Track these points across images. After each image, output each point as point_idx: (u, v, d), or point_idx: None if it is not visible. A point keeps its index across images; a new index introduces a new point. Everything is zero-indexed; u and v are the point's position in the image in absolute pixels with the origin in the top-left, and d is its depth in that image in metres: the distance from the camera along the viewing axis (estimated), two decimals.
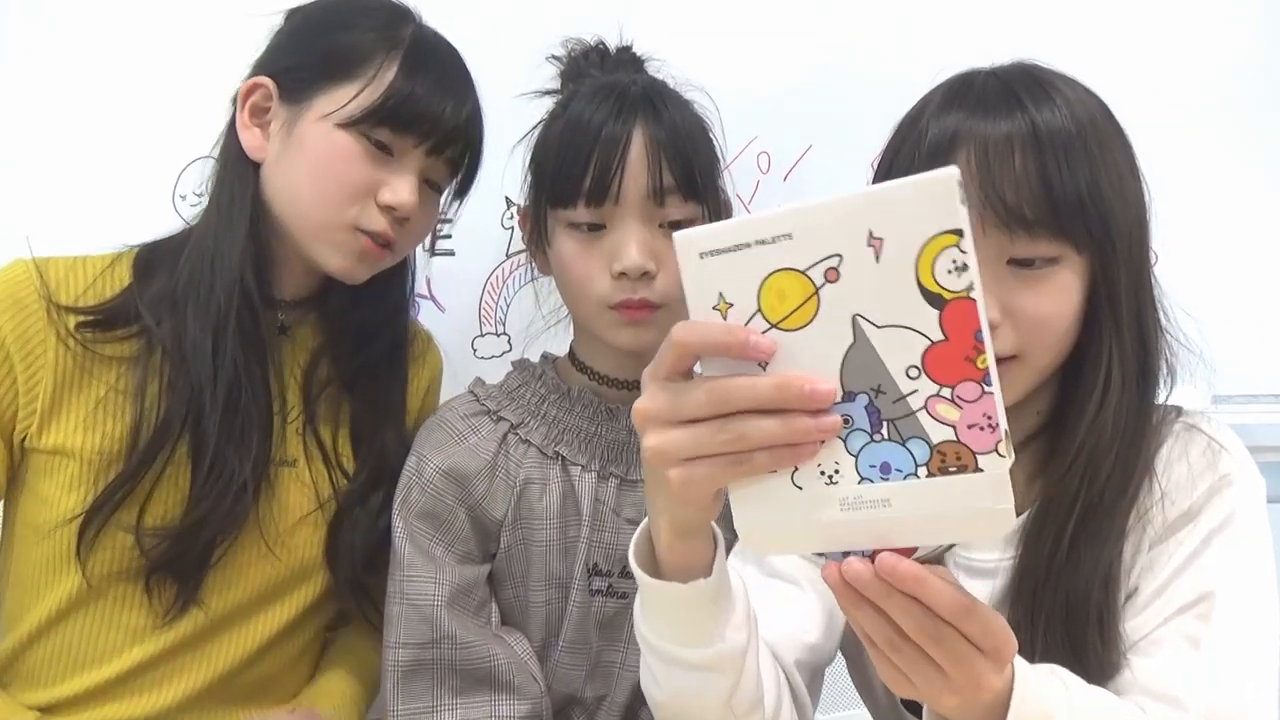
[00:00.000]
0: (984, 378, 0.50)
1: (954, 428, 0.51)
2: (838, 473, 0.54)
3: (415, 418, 1.06)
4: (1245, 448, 0.79)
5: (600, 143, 0.87)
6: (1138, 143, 0.78)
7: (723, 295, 0.54)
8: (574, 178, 0.88)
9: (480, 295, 1.27)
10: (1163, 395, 0.79)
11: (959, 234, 0.48)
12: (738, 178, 1.23)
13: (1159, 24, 1.29)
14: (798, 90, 1.26)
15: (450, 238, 1.25)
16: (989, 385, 0.50)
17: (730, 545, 0.76)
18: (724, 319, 0.54)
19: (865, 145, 0.95)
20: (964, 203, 0.48)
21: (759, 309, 0.53)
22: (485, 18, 1.22)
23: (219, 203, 0.92)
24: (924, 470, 0.52)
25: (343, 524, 0.97)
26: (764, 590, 0.83)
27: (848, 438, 0.53)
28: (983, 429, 0.50)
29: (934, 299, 0.49)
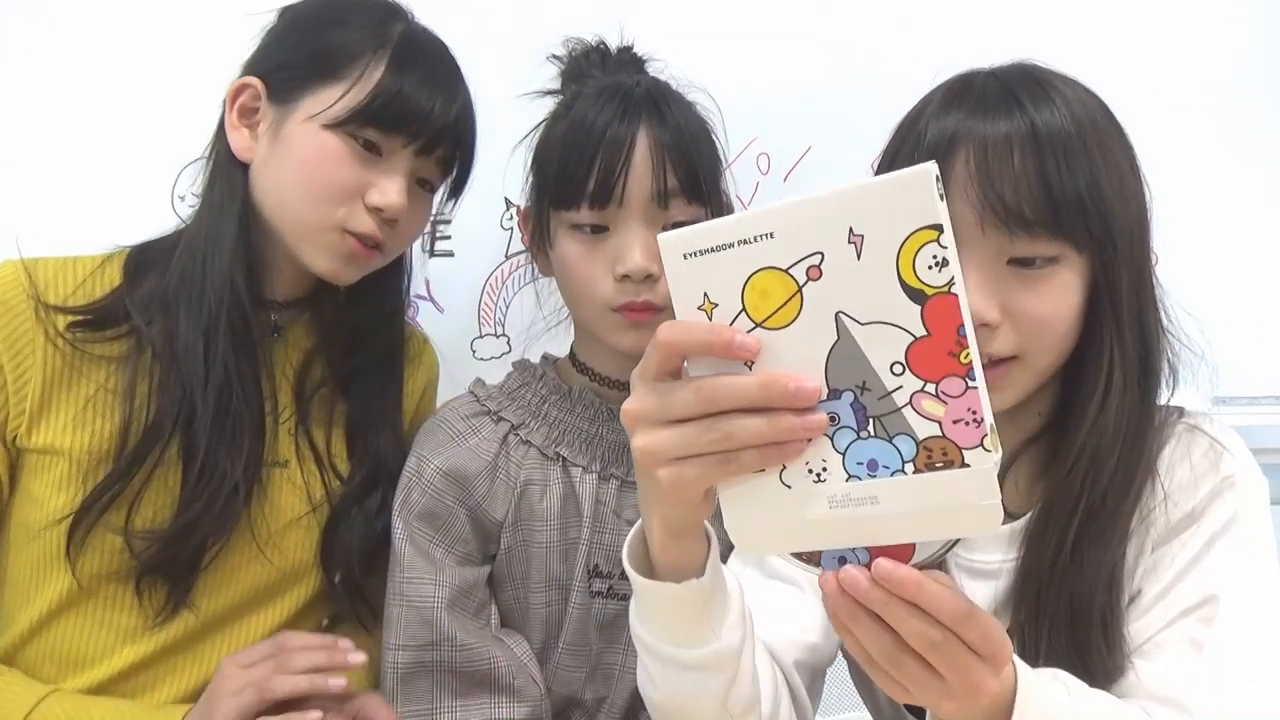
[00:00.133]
0: (968, 372, 0.50)
1: (939, 423, 0.51)
2: (825, 471, 0.54)
3: (412, 419, 1.06)
4: (1248, 449, 0.79)
5: (605, 144, 0.87)
6: (1138, 142, 0.78)
7: (707, 295, 0.54)
8: (578, 179, 0.88)
9: (480, 296, 1.27)
10: (1164, 396, 0.79)
11: (939, 229, 0.48)
12: (737, 179, 1.23)
13: (1159, 24, 1.29)
14: (797, 91, 1.26)
15: (450, 239, 1.25)
16: (973, 380, 0.50)
17: (727, 548, 0.76)
18: (709, 319, 0.54)
19: (865, 146, 0.95)
20: (942, 198, 0.48)
21: (743, 308, 0.53)
22: (485, 18, 1.22)
23: (209, 203, 0.92)
24: (911, 466, 0.52)
25: (338, 525, 0.96)
26: (764, 592, 0.83)
27: (834, 435, 0.53)
28: (968, 424, 0.50)
29: (916, 294, 0.49)
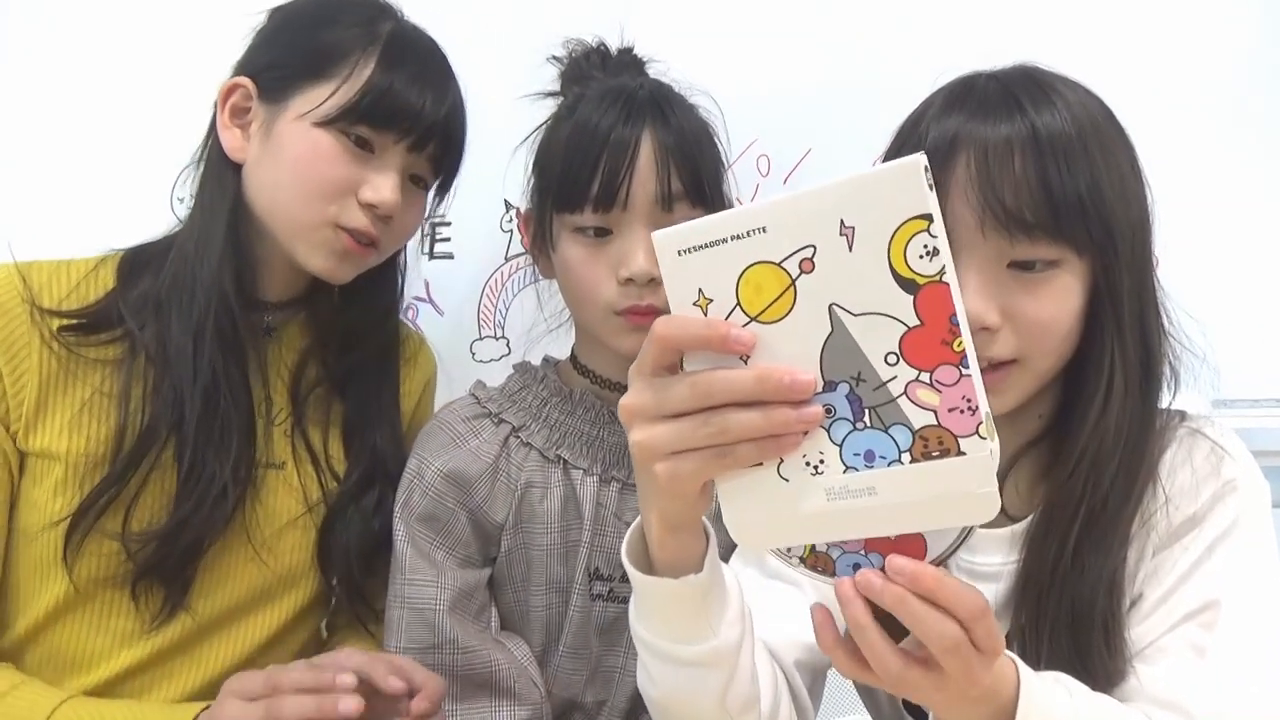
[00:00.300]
0: (961, 361, 0.50)
1: (935, 412, 0.51)
2: (823, 463, 0.54)
3: (409, 420, 1.06)
4: (1249, 452, 0.78)
5: (609, 147, 0.87)
6: (1138, 143, 0.78)
7: (702, 291, 0.54)
8: (581, 182, 0.87)
9: (479, 298, 1.26)
10: (1166, 399, 0.79)
11: (929, 219, 0.49)
12: (737, 181, 1.22)
13: (1159, 24, 1.29)
14: (797, 93, 1.26)
15: (449, 241, 1.25)
16: (966, 368, 0.50)
17: (727, 549, 0.76)
18: (704, 315, 0.54)
19: (865, 148, 0.94)
20: (932, 188, 0.49)
21: (738, 303, 0.54)
22: (484, 19, 1.22)
23: (202, 205, 0.92)
24: (907, 456, 0.52)
25: (335, 525, 0.96)
26: (764, 592, 0.83)
27: (831, 427, 0.53)
28: (963, 412, 0.50)
29: (908, 284, 0.50)
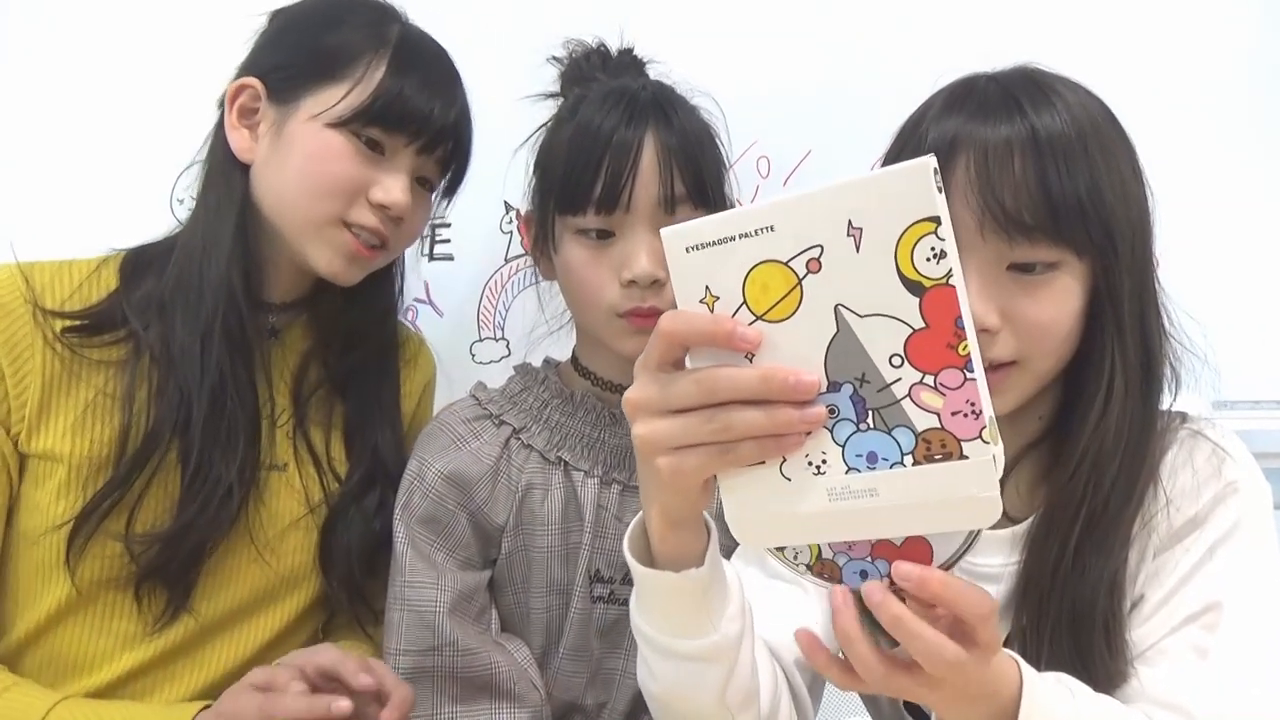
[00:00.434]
0: (966, 364, 0.50)
1: (938, 415, 0.51)
2: (825, 463, 0.54)
3: (410, 422, 1.06)
4: (1250, 454, 0.78)
5: (612, 149, 0.87)
6: (1138, 143, 0.78)
7: (709, 289, 0.55)
8: (584, 184, 0.87)
9: (479, 300, 1.26)
10: (1167, 400, 0.79)
11: (936, 221, 0.49)
12: (739, 182, 1.22)
13: (1159, 24, 1.29)
14: (797, 93, 1.25)
15: (449, 242, 1.25)
16: (971, 371, 0.50)
17: (729, 549, 0.76)
18: (711, 312, 0.55)
19: (866, 150, 0.95)
20: (940, 190, 0.49)
21: (744, 301, 0.54)
22: (484, 19, 1.22)
23: (207, 205, 0.92)
24: (910, 459, 0.52)
25: (336, 526, 0.96)
26: (765, 592, 0.82)
27: (834, 428, 0.53)
28: (966, 416, 0.50)
29: (914, 287, 0.50)
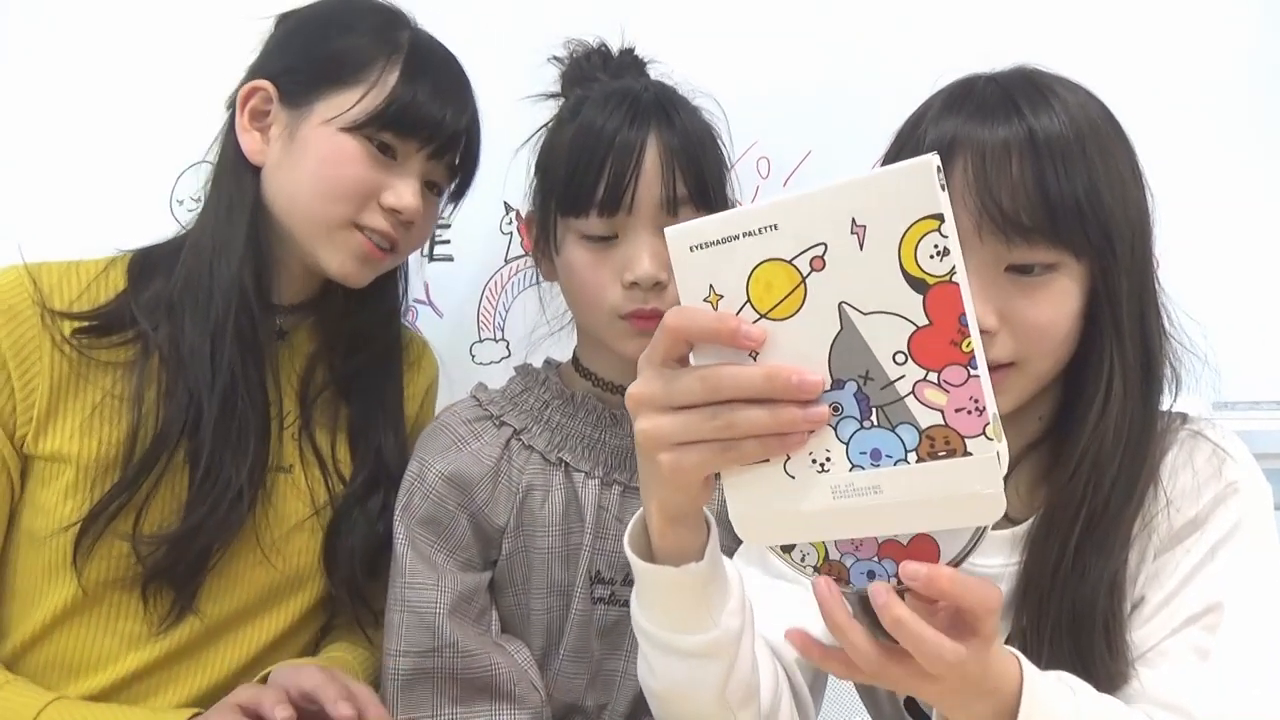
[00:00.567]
0: (969, 361, 0.50)
1: (942, 412, 0.51)
2: (829, 460, 0.54)
3: (413, 424, 1.06)
4: (1251, 455, 0.78)
5: (614, 151, 0.86)
6: (1138, 144, 0.78)
7: (713, 287, 0.55)
8: (587, 186, 0.87)
9: (479, 301, 1.26)
10: (1167, 401, 0.79)
11: (940, 219, 0.49)
12: (740, 184, 1.22)
13: (1159, 24, 1.28)
14: (797, 94, 1.25)
15: (449, 243, 1.25)
16: (974, 369, 0.50)
17: (730, 549, 0.76)
18: (715, 311, 0.55)
19: (866, 151, 0.94)
20: (944, 188, 0.49)
21: (748, 299, 0.54)
22: (485, 19, 1.22)
23: (216, 206, 0.92)
24: (913, 456, 0.52)
25: (340, 528, 0.96)
26: (767, 591, 0.82)
27: (838, 425, 0.54)
28: (970, 413, 0.51)
29: (917, 284, 0.50)
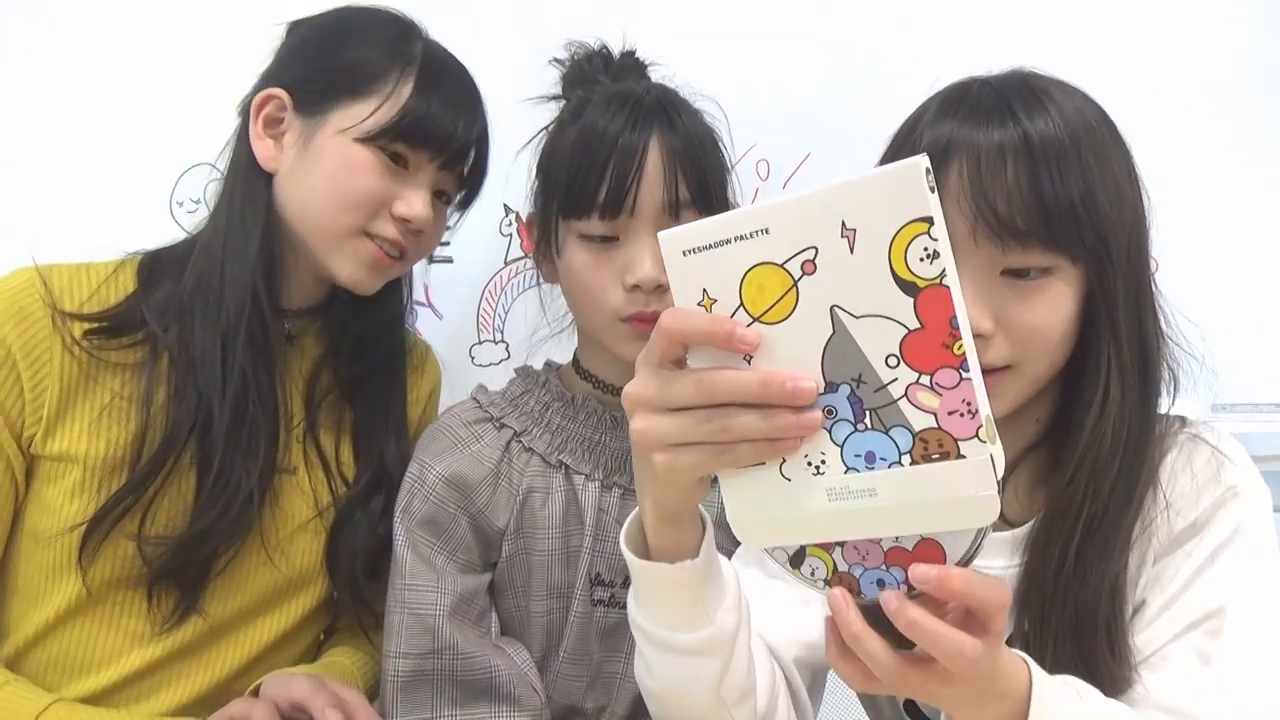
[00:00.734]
0: (961, 364, 0.50)
1: (935, 415, 0.51)
2: (824, 463, 0.54)
3: (416, 428, 1.06)
4: (1249, 458, 0.78)
5: (616, 153, 0.86)
6: (1137, 144, 0.78)
7: (706, 291, 0.55)
8: (589, 188, 0.87)
9: (479, 302, 1.27)
10: (1165, 404, 0.79)
11: (929, 221, 0.49)
12: (741, 186, 1.22)
13: (1159, 24, 1.29)
14: (797, 96, 1.26)
15: (449, 245, 1.24)
16: (967, 371, 0.50)
17: (728, 550, 0.76)
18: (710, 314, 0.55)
19: (865, 153, 0.94)
20: (933, 190, 0.49)
21: (741, 303, 0.54)
22: (485, 20, 1.22)
23: (229, 211, 0.92)
24: (908, 458, 0.52)
25: (343, 529, 0.97)
26: (765, 591, 0.82)
27: (832, 428, 0.54)
28: (963, 415, 0.51)
29: (908, 287, 0.50)
